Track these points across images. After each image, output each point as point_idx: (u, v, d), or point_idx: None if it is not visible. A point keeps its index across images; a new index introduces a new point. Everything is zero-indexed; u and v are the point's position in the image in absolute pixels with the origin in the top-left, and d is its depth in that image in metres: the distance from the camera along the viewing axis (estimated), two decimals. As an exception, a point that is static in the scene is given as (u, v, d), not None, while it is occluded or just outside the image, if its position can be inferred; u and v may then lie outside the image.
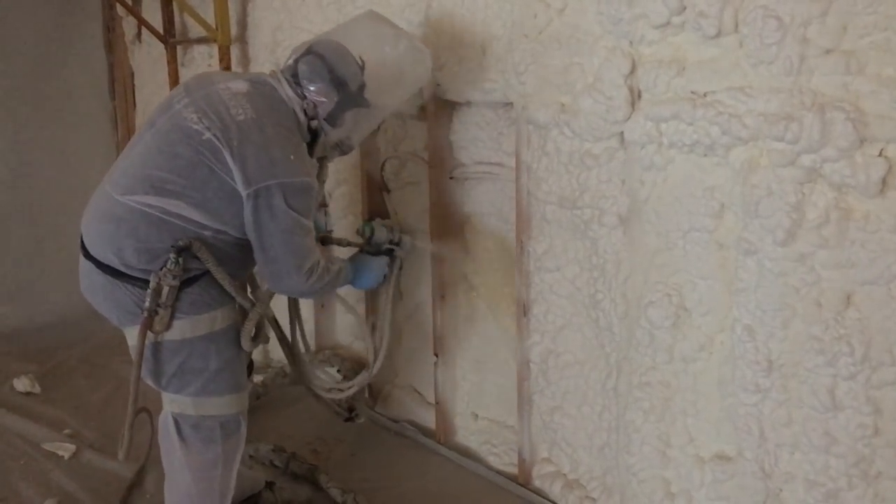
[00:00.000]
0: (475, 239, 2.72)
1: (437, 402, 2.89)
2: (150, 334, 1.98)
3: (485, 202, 2.67)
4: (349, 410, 2.89)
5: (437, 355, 2.83)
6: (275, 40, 3.29)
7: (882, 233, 1.70)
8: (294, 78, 2.11)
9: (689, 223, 2.01)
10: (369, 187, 2.98)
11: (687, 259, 2.04)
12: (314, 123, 2.12)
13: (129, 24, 4.45)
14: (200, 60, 3.84)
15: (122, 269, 1.98)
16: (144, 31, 4.09)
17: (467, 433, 2.85)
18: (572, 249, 2.35)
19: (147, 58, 4.34)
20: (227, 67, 3.36)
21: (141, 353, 1.97)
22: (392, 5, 2.70)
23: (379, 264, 2.55)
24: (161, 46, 3.87)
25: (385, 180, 2.95)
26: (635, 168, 2.10)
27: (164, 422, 2.15)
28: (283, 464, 2.76)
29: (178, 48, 3.88)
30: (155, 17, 3.90)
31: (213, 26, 3.32)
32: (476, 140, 2.62)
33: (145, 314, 1.95)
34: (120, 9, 4.29)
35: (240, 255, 2.08)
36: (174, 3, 3.71)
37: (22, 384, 3.43)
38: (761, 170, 1.84)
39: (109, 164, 2.11)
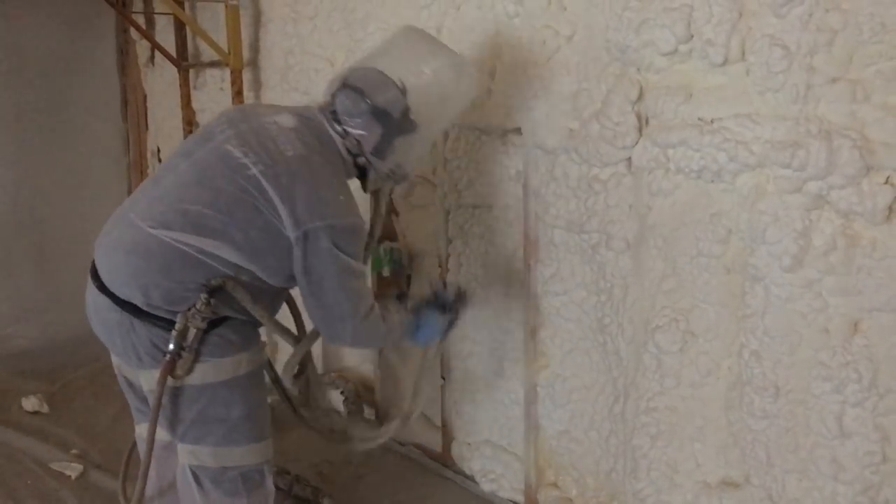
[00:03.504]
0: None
1: (443, 426, 2.89)
2: (169, 379, 1.83)
3: (492, 226, 2.68)
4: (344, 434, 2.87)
5: (443, 378, 2.84)
6: (287, 65, 3.32)
7: (889, 260, 1.71)
8: (333, 115, 1.97)
9: (696, 248, 2.02)
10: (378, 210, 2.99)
11: (694, 284, 2.05)
12: (360, 160, 1.99)
13: (142, 48, 4.50)
14: (213, 84, 3.88)
15: (144, 307, 1.83)
16: (158, 54, 4.13)
17: (473, 457, 2.85)
18: (580, 273, 2.36)
19: (160, 81, 4.39)
20: (240, 91, 3.40)
21: (159, 400, 1.83)
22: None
23: (442, 322, 2.24)
24: (174, 70, 3.92)
25: (394, 203, 2.97)
26: (643, 193, 2.11)
27: (183, 476, 1.99)
28: (286, 486, 2.75)
29: (191, 72, 3.93)
30: (168, 40, 3.94)
31: (226, 50, 3.36)
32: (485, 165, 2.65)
33: (168, 357, 1.81)
34: (133, 32, 4.35)
35: (270, 299, 1.97)
36: (187, 27, 3.76)
37: (30, 404, 3.44)
38: (768, 196, 1.85)
39: (121, 186, 2.03)
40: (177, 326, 1.81)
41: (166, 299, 1.82)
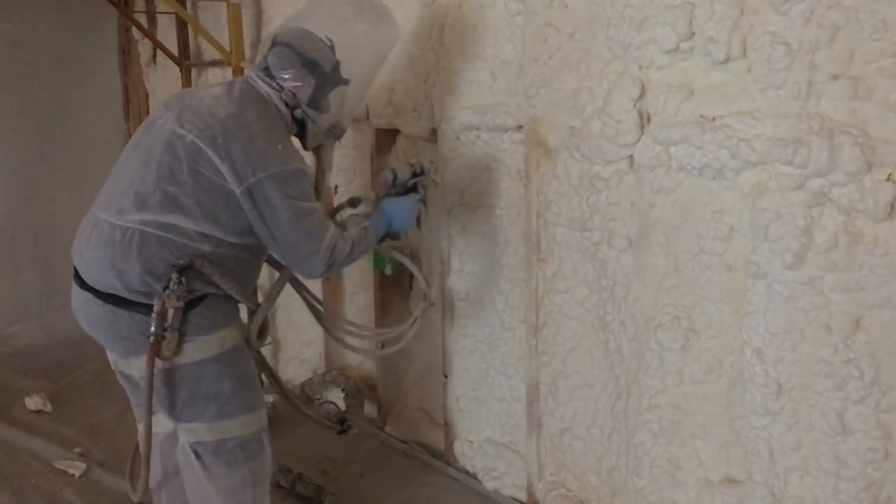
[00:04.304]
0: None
1: (445, 423, 2.89)
2: (158, 361, 1.89)
3: (494, 224, 2.69)
4: (340, 423, 2.90)
5: (445, 376, 2.84)
6: (288, 63, 3.32)
7: (890, 256, 1.71)
8: (266, 72, 2.06)
9: (698, 246, 2.02)
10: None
11: (696, 282, 2.05)
12: (297, 112, 2.07)
13: (144, 47, 4.51)
14: (215, 82, 3.88)
15: (126, 294, 1.90)
16: (160, 53, 4.13)
17: (476, 454, 2.85)
18: (582, 271, 2.36)
19: (162, 80, 4.39)
20: (241, 90, 3.40)
21: (150, 382, 1.88)
22: (403, 28, 2.73)
23: (410, 200, 2.35)
24: (176, 69, 3.92)
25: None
26: (645, 191, 2.12)
27: (183, 454, 2.05)
28: (289, 484, 2.76)
29: (193, 70, 3.93)
30: (170, 39, 3.95)
31: (228, 49, 3.36)
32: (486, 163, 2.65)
33: (152, 339, 1.86)
34: (136, 31, 4.35)
35: (240, 269, 2.03)
36: (189, 26, 3.77)
37: (33, 403, 3.45)
38: (770, 193, 1.85)
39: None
40: (155, 309, 1.87)
41: (141, 282, 1.89)
